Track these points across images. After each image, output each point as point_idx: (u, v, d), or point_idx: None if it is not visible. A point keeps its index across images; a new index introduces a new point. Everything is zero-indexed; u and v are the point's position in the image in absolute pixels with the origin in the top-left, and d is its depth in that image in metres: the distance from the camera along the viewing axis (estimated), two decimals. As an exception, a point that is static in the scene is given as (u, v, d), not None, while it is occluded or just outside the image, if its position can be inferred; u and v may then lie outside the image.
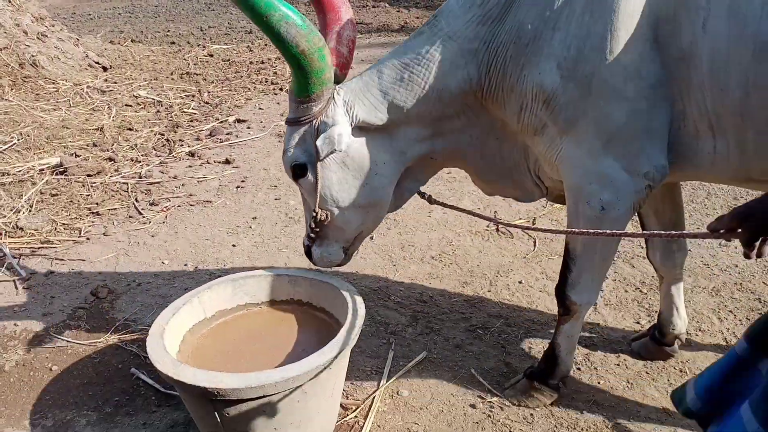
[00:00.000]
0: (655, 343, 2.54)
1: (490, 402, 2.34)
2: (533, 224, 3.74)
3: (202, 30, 10.36)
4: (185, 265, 3.44)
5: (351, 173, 2.08)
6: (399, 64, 2.04)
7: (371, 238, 3.63)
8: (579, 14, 1.81)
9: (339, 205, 2.12)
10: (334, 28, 2.06)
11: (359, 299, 2.20)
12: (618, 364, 2.54)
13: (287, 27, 1.79)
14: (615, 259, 3.29)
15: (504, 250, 3.47)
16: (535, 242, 3.53)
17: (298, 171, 2.08)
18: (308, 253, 2.29)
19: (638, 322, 2.81)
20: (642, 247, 3.42)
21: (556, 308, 2.25)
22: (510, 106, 2.01)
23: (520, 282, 3.16)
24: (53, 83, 6.29)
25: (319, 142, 1.98)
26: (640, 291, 3.05)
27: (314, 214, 2.11)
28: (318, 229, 2.17)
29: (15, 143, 4.90)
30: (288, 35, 1.80)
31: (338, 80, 2.06)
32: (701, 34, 1.72)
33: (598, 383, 2.45)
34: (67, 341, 2.77)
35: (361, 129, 2.07)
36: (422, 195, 2.39)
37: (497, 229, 3.67)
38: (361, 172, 2.09)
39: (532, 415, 2.28)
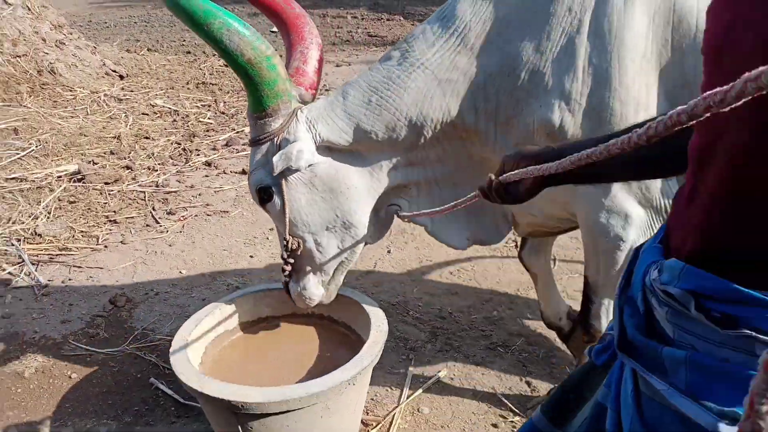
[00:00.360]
0: (564, 340, 2.61)
1: (513, 422, 2.32)
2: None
3: (217, 40, 10.42)
4: (203, 275, 3.44)
5: (320, 194, 1.95)
6: (366, 86, 1.92)
7: (388, 251, 3.62)
8: (581, 45, 1.75)
9: (311, 230, 1.98)
10: (297, 48, 1.99)
11: (382, 315, 2.19)
12: (640, 386, 2.51)
13: (230, 35, 1.70)
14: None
15: (523, 268, 3.44)
16: (555, 260, 3.51)
17: (264, 195, 1.94)
18: (287, 291, 2.15)
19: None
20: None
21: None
22: (503, 140, 1.92)
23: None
24: (71, 90, 6.34)
25: (275, 158, 1.84)
26: (661, 311, 3.02)
27: (285, 243, 1.97)
28: (292, 261, 2.03)
29: (33, 150, 4.93)
30: (231, 44, 1.71)
31: (307, 101, 1.95)
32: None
33: (621, 405, 2.42)
34: (86, 349, 2.77)
35: (330, 149, 1.94)
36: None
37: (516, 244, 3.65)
38: (330, 194, 1.95)
39: (554, 435, 2.25)
